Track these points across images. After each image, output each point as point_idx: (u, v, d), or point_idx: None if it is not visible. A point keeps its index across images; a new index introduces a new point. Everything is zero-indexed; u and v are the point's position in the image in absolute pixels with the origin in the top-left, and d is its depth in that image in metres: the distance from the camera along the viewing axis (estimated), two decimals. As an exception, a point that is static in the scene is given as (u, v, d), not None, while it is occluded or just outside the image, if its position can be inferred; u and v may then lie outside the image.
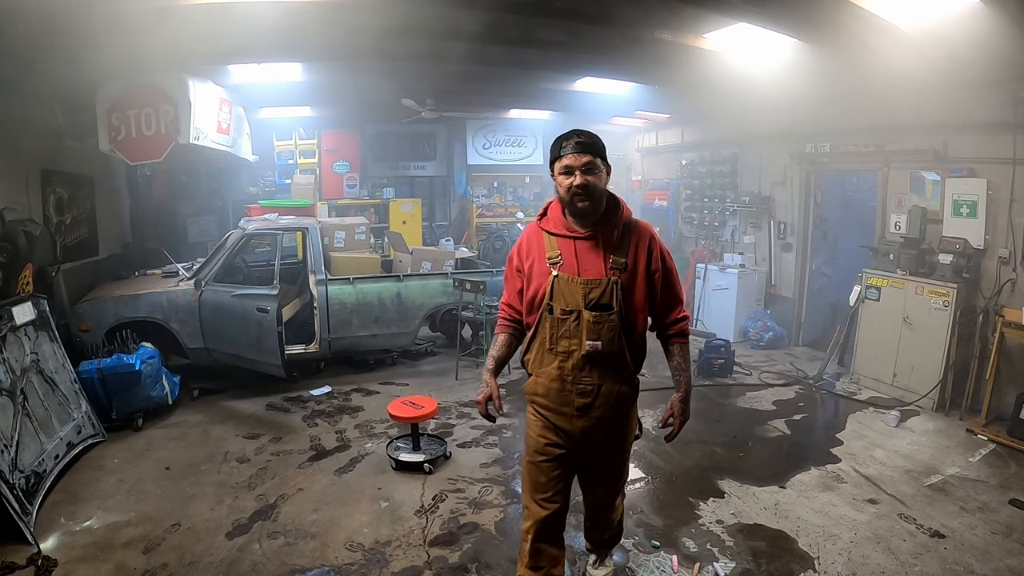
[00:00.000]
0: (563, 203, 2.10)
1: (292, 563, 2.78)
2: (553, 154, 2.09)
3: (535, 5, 3.56)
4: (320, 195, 8.19)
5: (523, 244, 2.19)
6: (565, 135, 2.06)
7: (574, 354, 2.05)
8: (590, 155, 2.03)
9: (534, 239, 2.16)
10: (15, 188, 4.44)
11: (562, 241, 2.09)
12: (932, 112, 4.79)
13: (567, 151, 2.03)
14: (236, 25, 3.50)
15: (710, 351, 5.62)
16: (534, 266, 2.11)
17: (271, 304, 4.71)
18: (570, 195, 2.02)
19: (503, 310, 2.27)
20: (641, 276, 2.09)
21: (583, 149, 2.02)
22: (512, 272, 2.21)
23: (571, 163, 2.02)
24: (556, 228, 2.12)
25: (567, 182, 2.02)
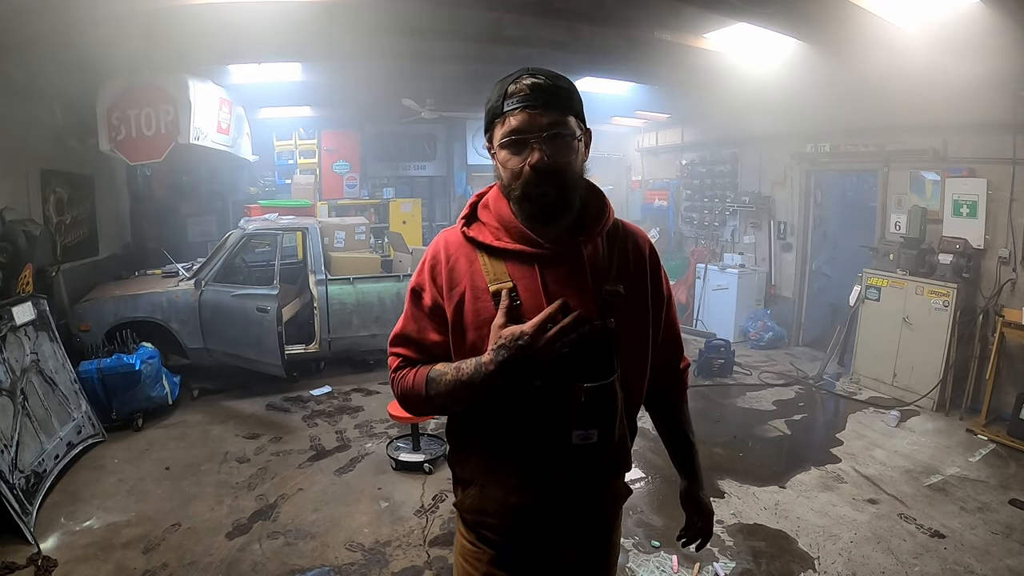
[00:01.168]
0: (510, 197, 1.22)
1: (292, 563, 2.78)
2: (491, 111, 1.20)
3: (535, 5, 3.56)
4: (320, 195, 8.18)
5: (439, 266, 1.26)
6: (510, 76, 1.20)
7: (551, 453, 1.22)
8: (558, 111, 1.16)
9: (459, 258, 1.25)
10: (15, 188, 4.44)
11: (516, 263, 1.22)
12: (932, 112, 4.79)
13: (516, 104, 1.15)
14: (236, 25, 3.50)
15: (710, 351, 5.61)
16: (465, 306, 1.22)
17: (271, 304, 4.71)
18: (522, 184, 1.16)
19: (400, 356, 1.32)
20: (643, 312, 1.30)
21: (545, 99, 1.15)
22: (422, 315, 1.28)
23: (523, 125, 1.14)
24: (502, 240, 1.23)
25: (517, 162, 1.16)
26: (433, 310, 1.26)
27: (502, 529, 1.32)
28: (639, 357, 1.30)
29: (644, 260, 1.33)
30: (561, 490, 1.26)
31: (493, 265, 1.23)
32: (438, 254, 1.27)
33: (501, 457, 1.27)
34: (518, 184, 1.18)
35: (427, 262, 1.29)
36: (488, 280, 1.22)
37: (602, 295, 1.22)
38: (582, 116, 1.22)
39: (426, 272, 1.28)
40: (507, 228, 1.24)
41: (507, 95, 1.16)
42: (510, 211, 1.24)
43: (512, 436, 1.24)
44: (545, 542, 1.32)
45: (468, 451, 1.33)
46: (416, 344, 1.29)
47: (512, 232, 1.23)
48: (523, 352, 1.12)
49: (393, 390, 1.32)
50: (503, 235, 1.24)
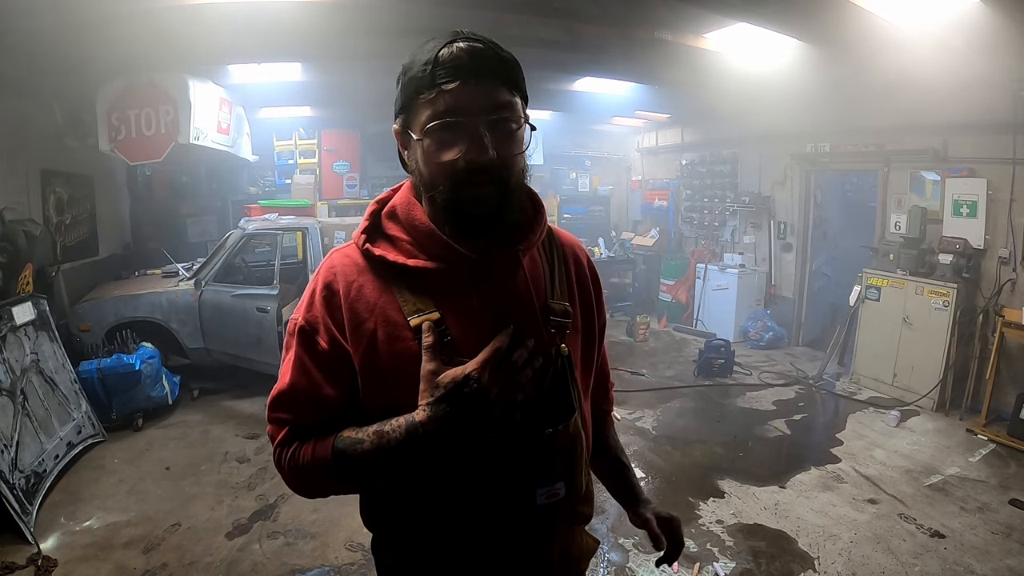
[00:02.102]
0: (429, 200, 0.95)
1: (292, 563, 2.78)
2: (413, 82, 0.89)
3: (535, 5, 3.56)
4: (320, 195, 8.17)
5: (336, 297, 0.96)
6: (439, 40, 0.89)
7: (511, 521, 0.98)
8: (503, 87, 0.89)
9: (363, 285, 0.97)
10: (15, 188, 4.44)
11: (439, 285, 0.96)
12: (932, 112, 4.79)
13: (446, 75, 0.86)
14: (236, 25, 3.50)
15: (710, 351, 5.61)
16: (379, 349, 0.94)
17: (271, 304, 4.71)
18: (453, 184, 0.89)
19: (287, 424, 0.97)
20: (591, 335, 1.11)
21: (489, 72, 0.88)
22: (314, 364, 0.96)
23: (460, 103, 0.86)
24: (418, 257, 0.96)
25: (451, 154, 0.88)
26: (329, 357, 0.95)
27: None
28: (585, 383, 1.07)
29: (586, 274, 1.10)
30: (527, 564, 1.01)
31: (411, 292, 0.94)
32: (333, 282, 0.96)
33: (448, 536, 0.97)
34: (447, 184, 0.88)
35: (318, 293, 0.97)
36: (406, 312, 0.93)
37: (549, 317, 0.98)
38: (526, 96, 0.94)
39: (318, 306, 0.96)
40: (423, 240, 0.95)
41: (437, 63, 0.85)
42: (425, 216, 0.95)
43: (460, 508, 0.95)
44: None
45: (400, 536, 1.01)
46: (308, 404, 0.95)
47: (433, 245, 0.94)
48: (472, 402, 0.85)
49: (280, 470, 0.98)
50: (418, 251, 0.95)
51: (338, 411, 0.96)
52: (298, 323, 0.98)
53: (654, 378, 5.56)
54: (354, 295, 0.95)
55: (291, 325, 0.99)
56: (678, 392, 5.19)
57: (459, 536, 0.97)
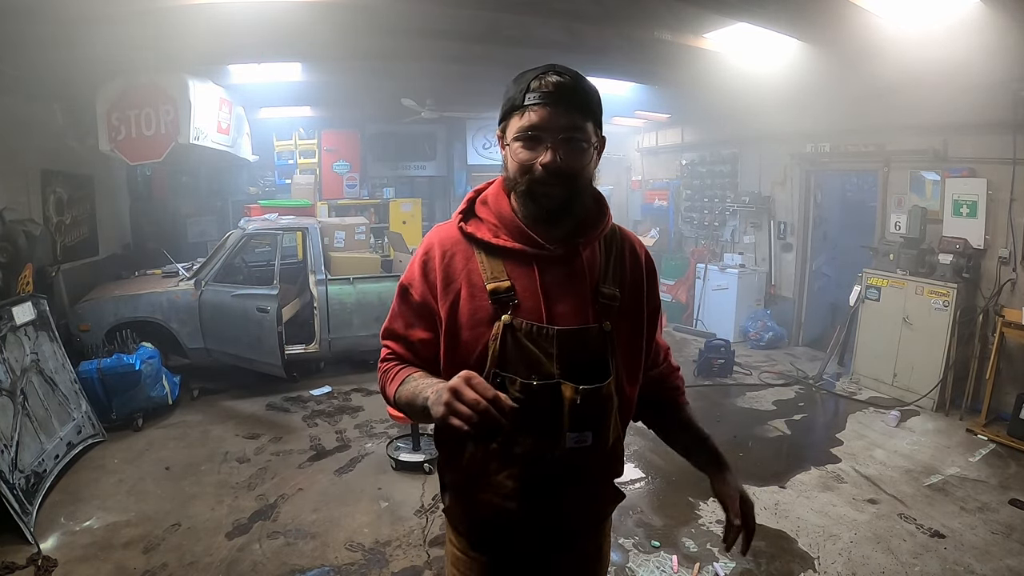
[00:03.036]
0: (514, 191, 1.20)
1: (292, 563, 2.78)
2: (510, 102, 1.15)
3: (535, 5, 3.55)
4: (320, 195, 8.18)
5: (432, 262, 1.23)
6: (535, 70, 1.14)
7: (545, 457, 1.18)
8: (578, 114, 1.13)
9: (456, 254, 1.22)
10: (15, 188, 4.44)
11: (514, 262, 1.19)
12: (932, 112, 4.79)
13: (536, 99, 1.11)
14: (236, 25, 3.49)
15: (710, 351, 5.61)
16: (461, 304, 1.19)
17: (271, 304, 4.71)
18: (528, 181, 1.14)
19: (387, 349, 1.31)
20: (638, 316, 1.28)
21: (567, 99, 1.12)
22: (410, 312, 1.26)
23: (542, 122, 1.10)
24: (501, 237, 1.20)
25: (529, 157, 1.13)
26: (421, 308, 1.24)
27: (495, 537, 1.27)
28: (633, 361, 1.27)
29: (640, 266, 1.32)
30: (555, 495, 1.21)
31: (490, 263, 1.19)
32: (431, 250, 1.24)
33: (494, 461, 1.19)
34: (525, 180, 1.15)
35: (419, 258, 1.25)
36: (485, 278, 1.18)
37: (599, 298, 1.21)
38: (600, 122, 1.20)
39: (416, 269, 1.25)
40: (507, 226, 1.20)
41: (529, 88, 1.12)
42: (511, 208, 1.21)
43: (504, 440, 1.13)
44: (538, 550, 1.27)
45: (459, 456, 1.24)
46: (403, 341, 1.27)
47: (512, 230, 1.20)
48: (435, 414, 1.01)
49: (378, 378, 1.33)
50: (502, 232, 1.20)
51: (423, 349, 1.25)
52: (402, 280, 1.28)
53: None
54: (447, 261, 1.21)
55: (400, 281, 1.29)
56: (678, 392, 5.19)
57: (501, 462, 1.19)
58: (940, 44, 3.45)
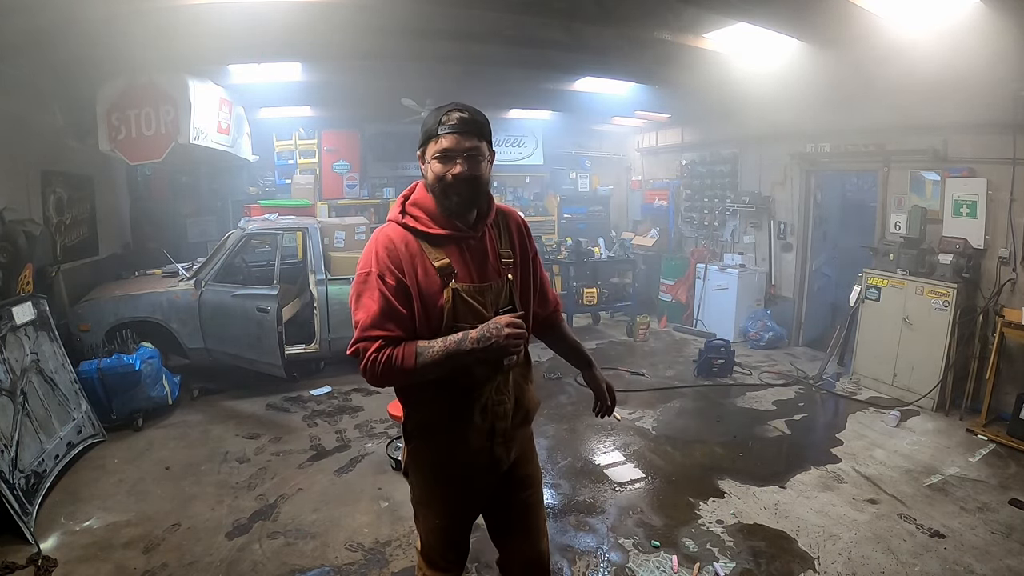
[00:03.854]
0: (435, 195, 1.62)
1: (292, 563, 2.78)
2: (427, 133, 1.61)
3: (535, 5, 3.56)
4: (320, 195, 8.17)
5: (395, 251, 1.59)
6: (443, 109, 1.59)
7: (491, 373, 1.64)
8: (476, 138, 1.58)
9: (407, 243, 1.61)
10: (15, 188, 4.44)
11: (446, 245, 1.63)
12: (932, 112, 4.79)
13: (446, 130, 1.56)
14: (236, 25, 3.49)
15: (710, 351, 5.61)
16: (420, 281, 1.58)
17: (271, 304, 4.71)
18: (443, 187, 1.58)
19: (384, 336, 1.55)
20: (526, 263, 1.78)
21: (467, 129, 1.56)
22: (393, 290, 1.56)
23: (451, 146, 1.56)
24: (437, 227, 1.62)
25: (443, 170, 1.57)
26: (399, 288, 1.57)
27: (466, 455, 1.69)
28: (527, 297, 1.78)
29: (520, 229, 1.81)
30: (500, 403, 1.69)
31: (431, 248, 1.62)
32: (390, 244, 1.61)
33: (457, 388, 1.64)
34: (439, 186, 1.59)
35: (381, 251, 1.60)
36: (431, 258, 1.61)
37: (501, 260, 1.71)
38: (491, 142, 1.65)
39: (384, 259, 1.58)
40: (435, 219, 1.64)
41: (441, 123, 1.57)
42: (435, 206, 1.63)
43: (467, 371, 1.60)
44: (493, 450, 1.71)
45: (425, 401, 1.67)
46: (392, 320, 1.56)
47: (440, 221, 1.63)
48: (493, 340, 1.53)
49: (371, 369, 1.54)
50: (433, 224, 1.63)
51: (408, 323, 1.58)
52: (372, 272, 1.58)
53: (654, 378, 5.56)
54: (402, 249, 1.60)
55: (362, 276, 1.59)
56: (678, 392, 5.19)
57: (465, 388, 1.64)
58: (940, 44, 3.46)
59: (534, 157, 9.33)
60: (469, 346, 1.53)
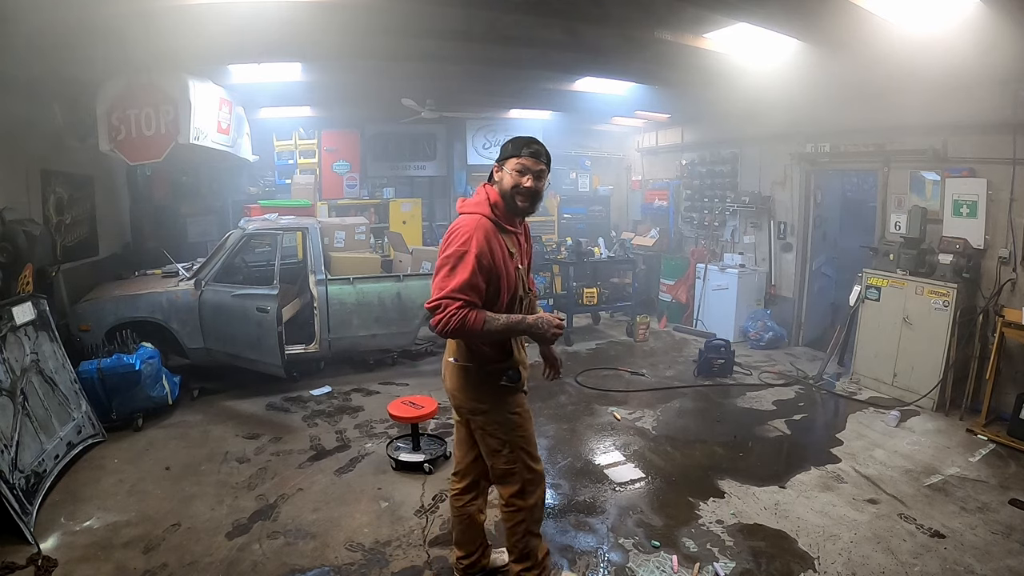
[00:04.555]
0: (503, 197, 2.20)
1: (292, 563, 2.78)
2: (511, 151, 2.21)
3: (535, 5, 3.56)
4: (320, 195, 8.17)
5: (487, 240, 2.11)
6: (526, 139, 2.23)
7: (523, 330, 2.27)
8: (543, 164, 2.21)
9: (492, 234, 2.14)
10: (15, 188, 4.44)
11: (511, 236, 2.26)
12: (932, 112, 4.79)
13: (527, 153, 2.18)
14: (236, 25, 3.49)
15: (710, 351, 5.61)
16: (499, 261, 2.14)
17: (271, 304, 4.71)
18: (514, 192, 2.18)
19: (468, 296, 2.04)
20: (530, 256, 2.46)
21: (540, 157, 2.20)
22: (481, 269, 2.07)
23: (529, 165, 2.18)
24: (508, 224, 2.24)
25: (519, 180, 2.17)
26: (486, 268, 2.10)
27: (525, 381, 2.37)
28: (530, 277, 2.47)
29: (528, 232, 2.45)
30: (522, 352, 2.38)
31: (506, 238, 2.23)
32: (487, 234, 2.14)
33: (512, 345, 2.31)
34: (511, 192, 2.20)
35: (480, 238, 2.10)
36: (507, 247, 2.21)
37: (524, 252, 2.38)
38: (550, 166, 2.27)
39: (482, 244, 2.09)
40: (507, 218, 2.24)
41: (522, 147, 2.20)
42: (505, 207, 2.22)
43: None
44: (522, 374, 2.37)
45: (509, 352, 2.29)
46: (476, 292, 2.07)
47: (509, 220, 2.25)
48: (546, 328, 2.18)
49: (447, 322, 2.01)
50: (504, 221, 2.23)
51: (483, 297, 2.12)
52: (471, 251, 2.07)
53: (654, 378, 5.56)
54: (492, 238, 2.15)
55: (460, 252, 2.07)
56: (678, 392, 5.19)
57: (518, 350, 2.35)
58: (940, 44, 3.45)
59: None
60: (524, 328, 2.17)
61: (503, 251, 2.16)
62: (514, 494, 2.36)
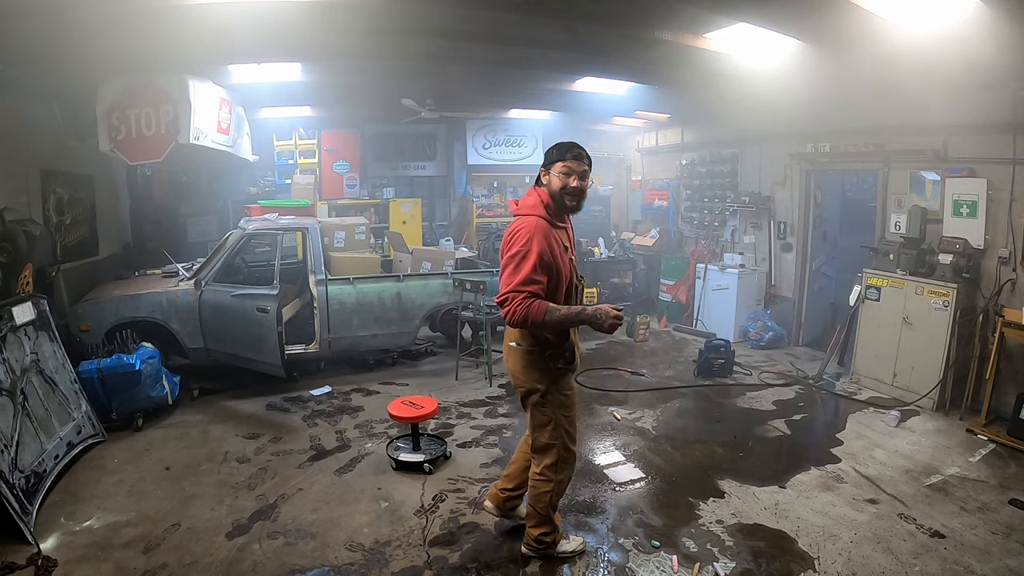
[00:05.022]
0: (552, 198, 2.50)
1: (292, 563, 2.78)
2: (556, 156, 2.51)
3: (535, 5, 3.56)
4: (320, 195, 8.18)
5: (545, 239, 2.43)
6: (570, 144, 2.52)
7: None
8: (587, 166, 2.51)
9: (548, 232, 2.45)
10: (15, 188, 4.44)
11: (562, 232, 2.57)
12: (932, 112, 4.79)
13: (571, 157, 2.48)
14: (236, 25, 3.49)
15: (710, 351, 5.61)
16: (557, 256, 2.46)
17: (271, 304, 4.71)
18: (562, 193, 2.48)
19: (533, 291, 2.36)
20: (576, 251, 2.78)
21: (583, 159, 2.50)
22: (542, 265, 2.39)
23: (574, 167, 2.47)
24: (559, 221, 2.56)
25: (566, 181, 2.48)
26: (546, 265, 2.40)
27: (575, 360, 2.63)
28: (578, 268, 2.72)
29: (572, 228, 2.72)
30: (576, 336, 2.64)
31: (558, 233, 2.51)
32: (545, 234, 2.43)
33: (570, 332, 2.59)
34: (560, 193, 2.49)
35: (540, 238, 2.39)
36: (561, 241, 2.52)
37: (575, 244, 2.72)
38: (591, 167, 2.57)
39: (542, 243, 2.39)
40: (558, 215, 2.54)
41: (566, 152, 2.50)
42: (555, 207, 2.51)
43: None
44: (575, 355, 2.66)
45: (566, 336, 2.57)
46: (538, 284, 2.36)
47: (560, 217, 2.56)
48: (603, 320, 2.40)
49: (515, 311, 2.32)
50: (556, 219, 2.52)
51: (544, 289, 2.39)
52: (532, 250, 2.36)
53: (654, 378, 5.56)
54: (549, 236, 2.43)
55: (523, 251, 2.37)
56: (678, 392, 5.19)
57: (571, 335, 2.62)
58: (940, 44, 3.45)
59: (534, 157, 9.33)
60: (584, 318, 2.40)
61: (559, 246, 2.47)
62: (549, 466, 2.66)
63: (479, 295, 5.33)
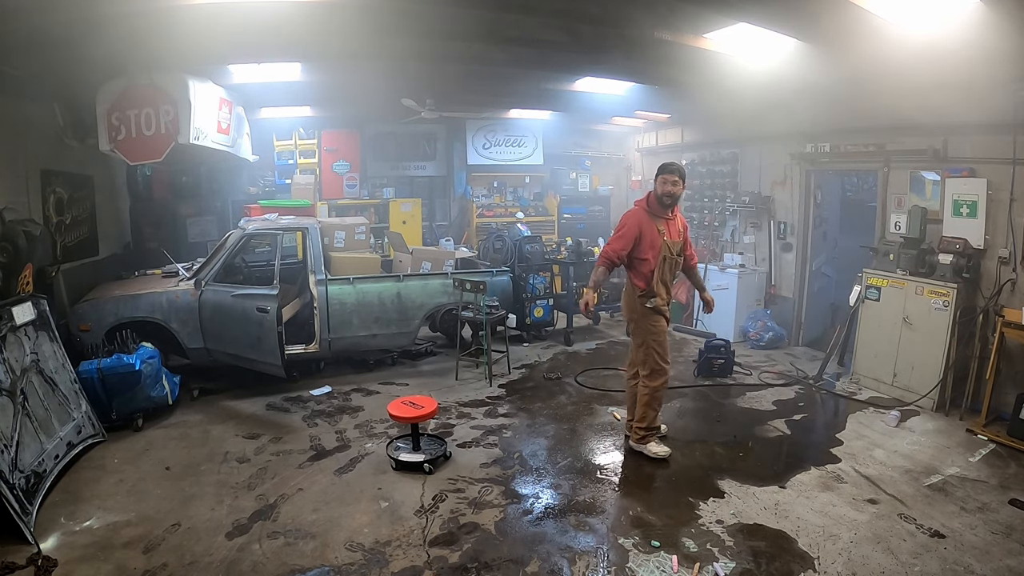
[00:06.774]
0: (657, 197, 3.78)
1: (292, 563, 2.78)
2: (658, 172, 3.80)
3: (535, 5, 3.56)
4: (320, 195, 8.17)
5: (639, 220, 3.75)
6: (667, 163, 3.81)
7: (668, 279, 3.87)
8: (677, 177, 3.75)
9: (643, 217, 3.76)
10: (15, 188, 4.44)
11: (660, 220, 3.79)
12: (932, 112, 4.78)
13: (666, 171, 3.75)
14: (236, 25, 3.49)
15: (710, 351, 5.61)
16: (648, 234, 3.73)
17: (271, 304, 4.71)
18: (661, 194, 3.75)
19: (609, 256, 3.73)
20: (686, 239, 4.01)
21: (675, 173, 3.75)
22: (631, 235, 3.70)
23: (667, 178, 3.74)
24: (659, 213, 3.79)
25: (668, 187, 3.74)
26: (635, 238, 3.72)
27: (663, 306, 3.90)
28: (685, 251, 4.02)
29: (684, 221, 4.04)
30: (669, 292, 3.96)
31: (657, 220, 3.79)
32: (640, 219, 3.77)
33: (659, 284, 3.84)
34: (659, 196, 3.78)
35: (635, 222, 3.75)
36: (656, 227, 3.78)
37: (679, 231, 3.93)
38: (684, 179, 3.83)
39: (635, 227, 3.74)
40: (656, 209, 3.81)
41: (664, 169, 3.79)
42: (657, 203, 3.80)
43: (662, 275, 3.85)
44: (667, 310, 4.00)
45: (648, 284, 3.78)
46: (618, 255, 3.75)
47: (657, 210, 3.81)
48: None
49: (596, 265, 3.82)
50: (655, 210, 3.81)
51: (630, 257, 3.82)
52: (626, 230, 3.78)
53: (654, 378, 5.56)
54: (643, 221, 3.80)
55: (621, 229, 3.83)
56: (678, 392, 5.19)
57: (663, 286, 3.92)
58: (940, 44, 3.45)
59: (534, 157, 9.33)
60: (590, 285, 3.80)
61: (653, 228, 3.74)
62: (646, 375, 3.85)
63: (479, 295, 5.33)
